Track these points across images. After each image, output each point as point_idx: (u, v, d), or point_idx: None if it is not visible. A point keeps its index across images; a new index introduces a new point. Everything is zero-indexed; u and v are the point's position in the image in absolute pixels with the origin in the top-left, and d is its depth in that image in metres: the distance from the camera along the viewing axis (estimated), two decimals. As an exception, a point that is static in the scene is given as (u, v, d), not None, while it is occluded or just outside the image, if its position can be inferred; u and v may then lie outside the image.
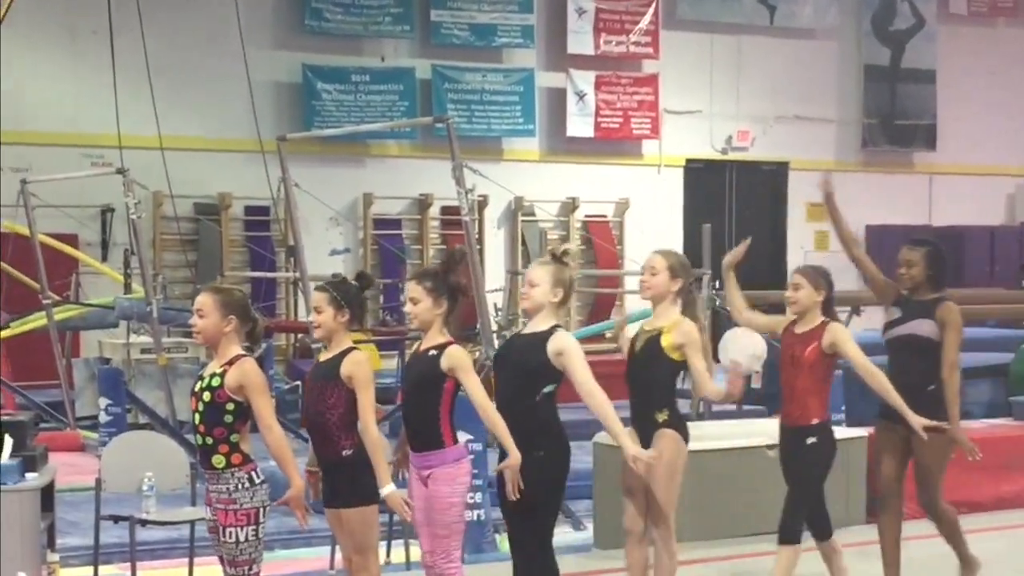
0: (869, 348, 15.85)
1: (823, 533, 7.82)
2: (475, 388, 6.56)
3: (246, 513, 6.19)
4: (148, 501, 8.55)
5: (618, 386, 7.27)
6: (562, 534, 10.33)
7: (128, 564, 8.52)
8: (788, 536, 7.53)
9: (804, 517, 7.57)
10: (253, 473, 6.24)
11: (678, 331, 7.14)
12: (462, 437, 9.39)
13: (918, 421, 7.49)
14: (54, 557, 8.89)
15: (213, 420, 6.19)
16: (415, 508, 6.66)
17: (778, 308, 8.24)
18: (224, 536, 6.21)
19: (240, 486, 6.20)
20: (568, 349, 6.73)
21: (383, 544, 9.62)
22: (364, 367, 6.57)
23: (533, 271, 7.01)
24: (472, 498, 9.29)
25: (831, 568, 7.93)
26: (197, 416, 6.25)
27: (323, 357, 6.71)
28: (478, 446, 9.97)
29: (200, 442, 6.26)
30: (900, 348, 7.94)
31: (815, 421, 7.45)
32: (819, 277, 7.74)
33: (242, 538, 6.18)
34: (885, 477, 8.02)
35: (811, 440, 7.39)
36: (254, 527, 6.20)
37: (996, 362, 14.28)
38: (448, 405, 6.64)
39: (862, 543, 10.07)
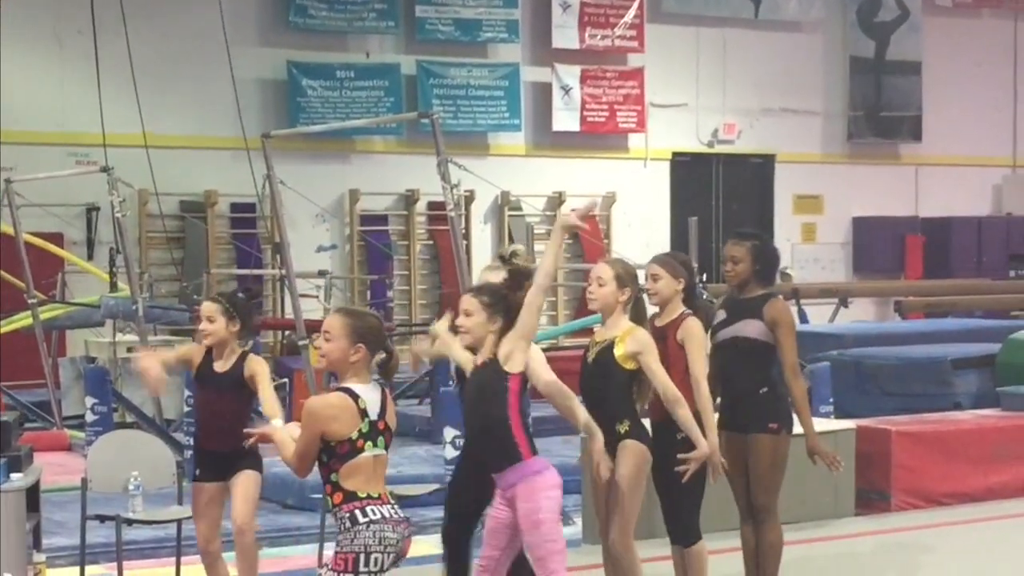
0: (857, 340, 15.91)
1: (693, 537, 7.31)
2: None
3: (344, 557, 5.57)
4: (134, 500, 8.50)
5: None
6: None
7: (115, 564, 8.48)
8: (694, 537, 7.26)
9: (698, 513, 7.25)
10: (358, 511, 5.60)
11: (632, 339, 6.89)
12: (448, 434, 9.41)
13: (712, 451, 7.03)
14: (40, 557, 8.83)
15: (321, 460, 5.68)
16: (488, 526, 6.47)
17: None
18: (324, 575, 5.67)
19: (342, 526, 5.60)
20: (534, 351, 6.63)
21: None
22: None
23: (489, 277, 7.04)
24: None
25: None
26: None
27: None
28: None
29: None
30: (727, 352, 7.48)
31: None
32: (677, 265, 7.37)
33: None
34: (738, 487, 7.57)
35: (681, 435, 6.98)
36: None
37: (984, 353, 14.28)
38: (516, 409, 6.29)
39: (852, 535, 10.08)
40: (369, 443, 5.67)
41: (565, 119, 23.03)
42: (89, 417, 14.06)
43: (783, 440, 7.47)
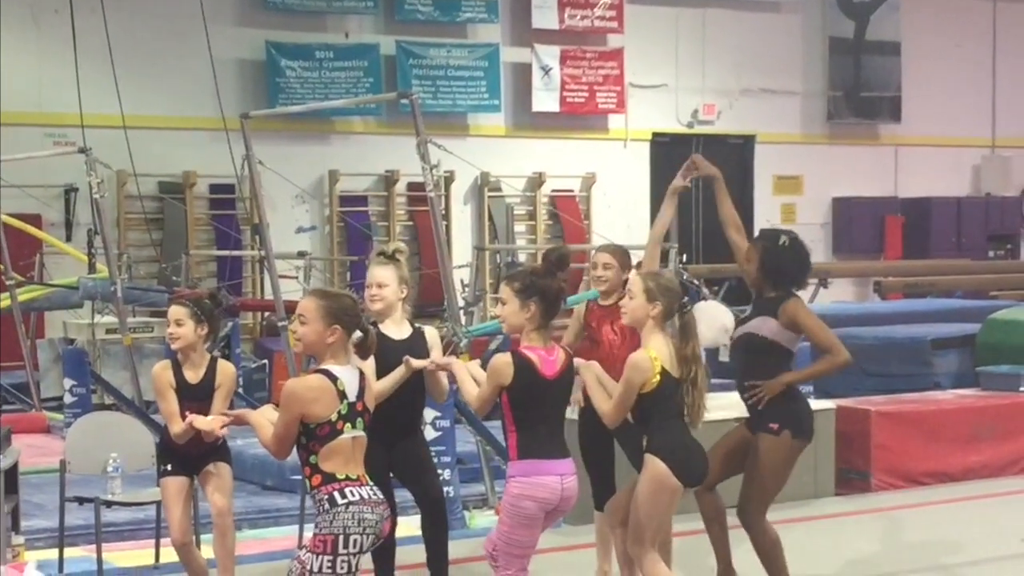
0: (836, 320, 15.94)
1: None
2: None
3: (323, 539, 5.56)
4: (113, 482, 8.49)
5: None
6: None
7: (94, 546, 8.46)
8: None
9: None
10: (336, 493, 5.60)
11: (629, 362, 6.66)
12: (428, 414, 9.39)
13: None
14: (19, 540, 8.83)
15: (299, 442, 5.69)
16: None
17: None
18: (303, 556, 5.65)
19: (320, 508, 5.60)
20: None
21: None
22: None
23: (380, 271, 7.23)
24: (441, 475, 9.25)
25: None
26: None
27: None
28: (445, 423, 9.95)
29: None
30: (742, 348, 7.51)
31: None
32: (625, 256, 7.76)
33: (315, 568, 5.55)
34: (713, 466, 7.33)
35: None
36: (330, 558, 5.54)
37: (963, 333, 14.32)
38: (509, 416, 6.28)
39: (832, 515, 10.11)
40: (348, 424, 5.67)
41: (545, 100, 22.99)
42: (68, 399, 14.07)
43: (783, 443, 7.31)
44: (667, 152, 24.05)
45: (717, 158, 7.78)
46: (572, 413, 7.89)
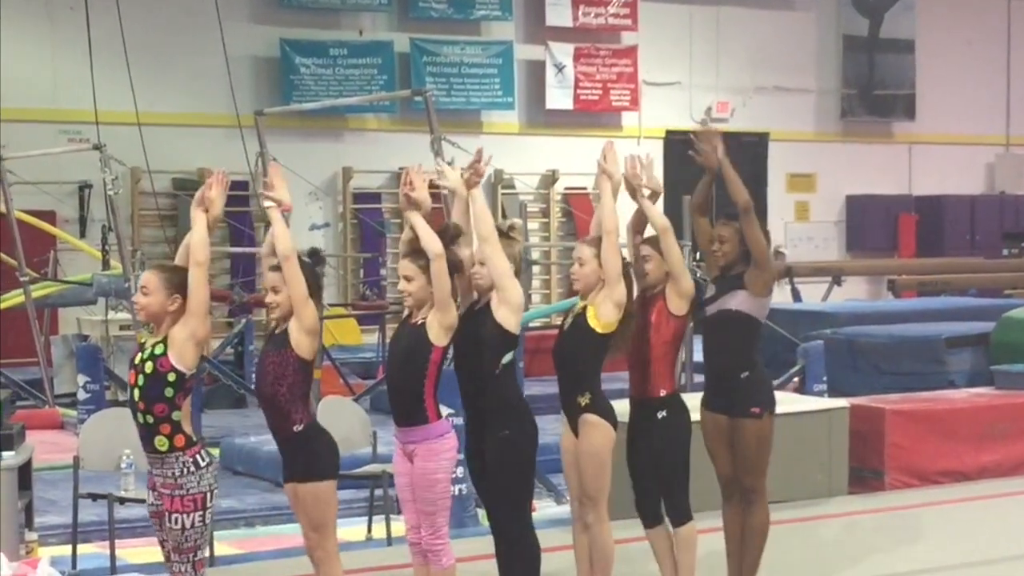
0: (850, 318, 15.88)
1: (684, 516, 7.19)
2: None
3: (192, 499, 5.90)
4: (127, 479, 8.49)
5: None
6: (543, 507, 10.33)
7: (107, 542, 8.46)
8: (685, 516, 7.14)
9: (688, 490, 7.14)
10: (198, 456, 5.93)
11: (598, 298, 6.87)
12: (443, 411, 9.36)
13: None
14: (32, 536, 8.83)
15: (154, 395, 5.86)
16: (399, 484, 6.63)
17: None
18: (170, 522, 5.92)
19: (185, 470, 5.90)
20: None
21: (364, 519, 9.60)
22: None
23: None
24: (454, 472, 9.23)
25: (664, 558, 7.27)
26: (136, 392, 5.94)
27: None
28: (459, 420, 9.93)
29: (141, 420, 5.93)
30: (713, 326, 7.49)
31: (663, 393, 7.03)
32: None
33: (188, 524, 5.90)
34: (721, 467, 7.49)
35: (662, 413, 6.99)
36: (201, 513, 5.92)
37: (978, 331, 14.27)
38: (433, 378, 6.51)
39: (846, 514, 10.08)
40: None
41: (558, 97, 23.00)
42: (81, 395, 14.06)
43: (766, 422, 7.39)
44: (680, 150, 23.98)
45: (731, 155, 7.71)
46: None
